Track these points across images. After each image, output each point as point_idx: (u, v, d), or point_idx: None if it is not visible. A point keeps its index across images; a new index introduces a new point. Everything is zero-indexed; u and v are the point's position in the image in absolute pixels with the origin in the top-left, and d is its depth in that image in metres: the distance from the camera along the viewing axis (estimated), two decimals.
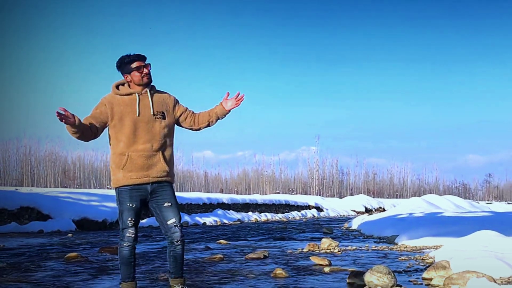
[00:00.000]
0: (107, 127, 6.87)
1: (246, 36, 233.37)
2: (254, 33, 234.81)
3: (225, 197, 46.49)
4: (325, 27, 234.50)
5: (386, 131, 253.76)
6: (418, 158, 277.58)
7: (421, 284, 10.31)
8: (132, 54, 6.75)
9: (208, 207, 41.50)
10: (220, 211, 42.04)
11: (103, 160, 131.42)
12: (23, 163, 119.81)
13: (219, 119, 7.04)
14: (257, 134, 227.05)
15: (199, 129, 7.07)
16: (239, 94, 6.92)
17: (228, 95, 6.94)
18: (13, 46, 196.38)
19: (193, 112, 7.03)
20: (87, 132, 6.61)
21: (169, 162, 6.83)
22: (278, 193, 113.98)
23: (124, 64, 6.73)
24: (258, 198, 54.14)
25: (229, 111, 6.98)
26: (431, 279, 10.55)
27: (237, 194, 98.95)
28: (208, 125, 7.05)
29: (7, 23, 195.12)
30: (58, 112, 6.29)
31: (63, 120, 6.30)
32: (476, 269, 9.98)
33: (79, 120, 6.46)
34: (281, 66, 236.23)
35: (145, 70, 6.68)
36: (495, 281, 9.27)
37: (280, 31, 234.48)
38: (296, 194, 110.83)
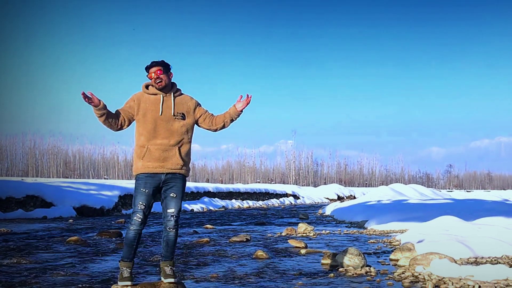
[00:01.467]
0: (134, 121, 6.90)
1: (229, 42, 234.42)
2: (237, 39, 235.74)
3: (210, 186, 46.47)
4: (300, 32, 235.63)
5: (357, 126, 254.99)
6: (385, 150, 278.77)
7: (389, 264, 10.35)
8: (152, 62, 6.84)
9: (195, 195, 41.46)
10: (206, 199, 42.00)
11: (101, 153, 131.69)
12: (28, 156, 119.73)
13: (232, 120, 7.07)
14: (240, 129, 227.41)
15: (216, 130, 7.10)
16: (248, 95, 6.98)
17: (241, 97, 6.98)
18: (19, 52, 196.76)
19: (212, 115, 7.07)
20: (113, 118, 6.69)
21: (185, 157, 6.87)
22: (259, 182, 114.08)
23: (146, 70, 6.83)
24: (241, 187, 54.21)
25: (241, 111, 7.03)
26: (397, 260, 10.59)
27: (222, 183, 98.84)
28: (224, 126, 7.09)
29: (13, 28, 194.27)
30: (84, 93, 6.38)
31: (87, 100, 6.40)
32: (439, 251, 10.02)
33: (105, 105, 6.55)
34: (260, 67, 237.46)
35: (156, 76, 6.74)
36: (456, 262, 9.30)
37: (260, 37, 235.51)
38: (275, 183, 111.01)
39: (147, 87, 6.90)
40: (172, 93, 6.86)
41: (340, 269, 9.48)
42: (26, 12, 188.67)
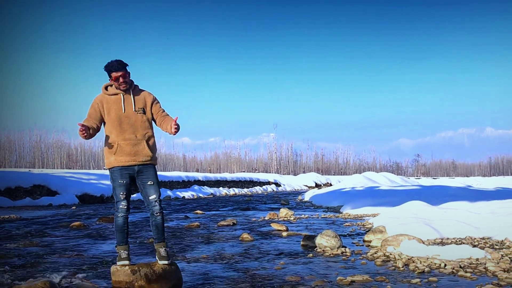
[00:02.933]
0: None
1: (214, 44, 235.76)
2: (222, 41, 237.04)
3: (200, 175, 46.41)
4: (280, 36, 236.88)
5: (333, 120, 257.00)
6: (359, 142, 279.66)
7: (362, 245, 10.38)
8: (111, 63, 6.63)
9: (186, 184, 41.43)
10: (196, 187, 41.98)
11: (100, 146, 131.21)
12: (35, 149, 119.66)
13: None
14: (226, 123, 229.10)
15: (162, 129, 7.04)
16: (175, 119, 6.80)
17: (177, 119, 6.81)
18: (25, 59, 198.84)
19: (164, 115, 6.88)
20: (94, 133, 6.62)
21: (152, 148, 6.79)
22: (244, 171, 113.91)
23: (107, 72, 6.65)
24: (227, 176, 54.15)
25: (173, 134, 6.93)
26: (370, 241, 10.61)
27: (210, 172, 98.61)
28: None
29: (15, 37, 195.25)
30: (80, 130, 6.30)
31: (84, 134, 6.31)
32: (408, 232, 10.05)
33: (90, 128, 6.47)
34: (245, 70, 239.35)
35: (121, 80, 6.59)
36: (423, 243, 9.33)
37: (243, 39, 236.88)
38: (258, 172, 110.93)
39: (106, 88, 6.77)
40: (131, 91, 6.77)
41: (318, 250, 9.52)
42: (27, 18, 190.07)
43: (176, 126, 6.63)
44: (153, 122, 6.91)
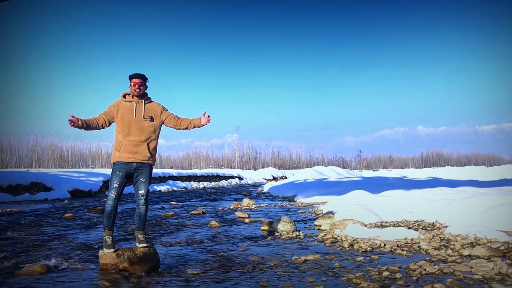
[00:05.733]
0: (114, 122, 6.98)
1: (184, 50, 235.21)
2: (190, 48, 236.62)
3: (174, 172, 46.17)
4: (240, 49, 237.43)
5: (288, 122, 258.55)
6: (309, 140, 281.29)
7: (314, 229, 10.45)
8: (134, 73, 6.93)
9: (162, 179, 41.20)
10: (170, 181, 41.75)
11: (88, 148, 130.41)
12: (32, 151, 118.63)
13: (195, 127, 7.14)
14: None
15: (179, 129, 7.20)
16: (208, 116, 7.06)
17: (205, 113, 7.03)
18: (25, 64, 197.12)
19: (177, 116, 7.19)
20: (93, 125, 6.76)
21: (152, 150, 6.95)
22: (211, 167, 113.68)
23: (129, 79, 6.90)
24: (197, 171, 53.97)
25: (203, 125, 7.11)
26: (320, 225, 10.69)
27: (182, 169, 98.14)
28: (187, 128, 7.20)
29: (13, 53, 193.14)
30: (69, 120, 6.48)
31: (72, 125, 6.50)
32: (352, 217, 10.15)
33: (83, 122, 6.63)
34: (210, 77, 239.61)
35: (136, 86, 6.82)
36: (366, 226, 9.44)
37: (209, 46, 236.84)
38: (224, 168, 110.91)
39: (124, 96, 6.94)
40: (143, 101, 6.89)
41: (276, 234, 9.57)
42: (23, 33, 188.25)
43: (208, 117, 7.14)
44: (164, 126, 7.18)
